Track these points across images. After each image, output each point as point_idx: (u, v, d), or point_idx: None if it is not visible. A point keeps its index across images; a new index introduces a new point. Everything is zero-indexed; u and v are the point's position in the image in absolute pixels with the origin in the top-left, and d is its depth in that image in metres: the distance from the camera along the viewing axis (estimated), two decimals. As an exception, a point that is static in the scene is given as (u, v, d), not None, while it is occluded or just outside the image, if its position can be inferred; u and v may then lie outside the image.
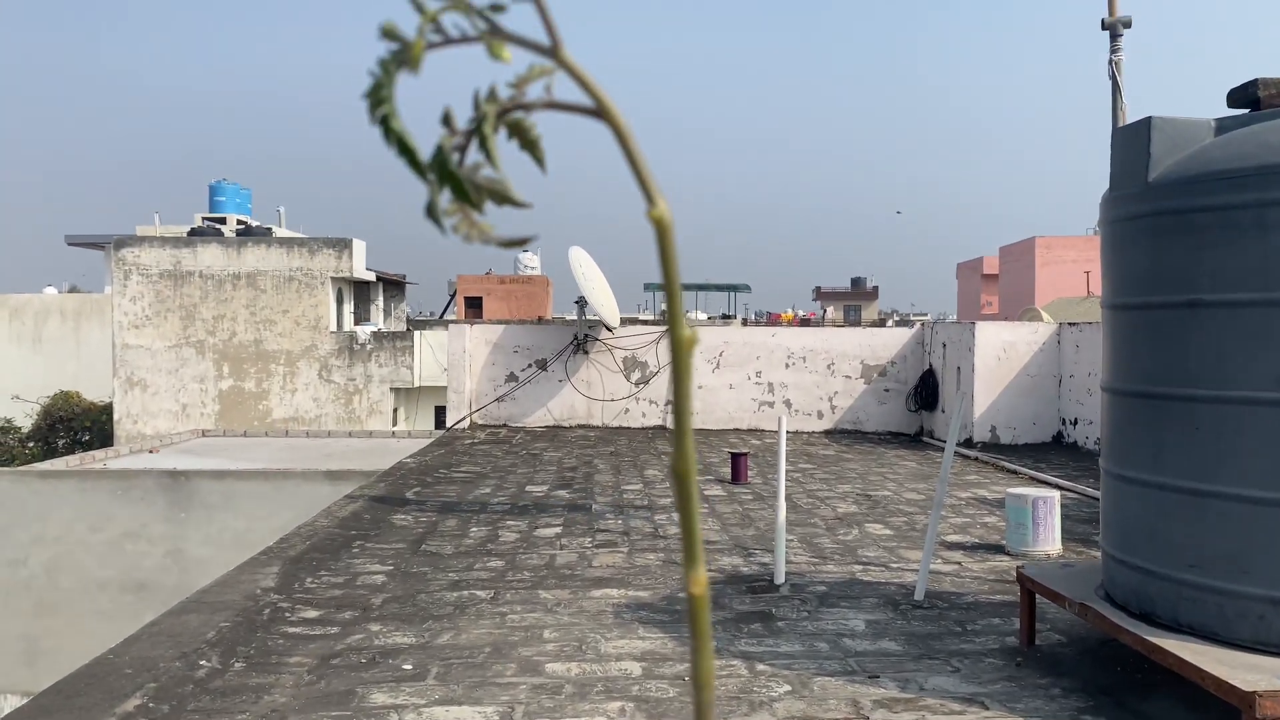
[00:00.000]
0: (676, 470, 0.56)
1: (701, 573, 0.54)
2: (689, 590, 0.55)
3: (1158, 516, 4.06)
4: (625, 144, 0.54)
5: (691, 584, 0.55)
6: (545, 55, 0.55)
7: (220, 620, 5.11)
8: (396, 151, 0.54)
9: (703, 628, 0.55)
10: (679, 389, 0.56)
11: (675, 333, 0.56)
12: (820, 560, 6.45)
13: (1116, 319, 4.35)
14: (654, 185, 0.55)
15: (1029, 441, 12.20)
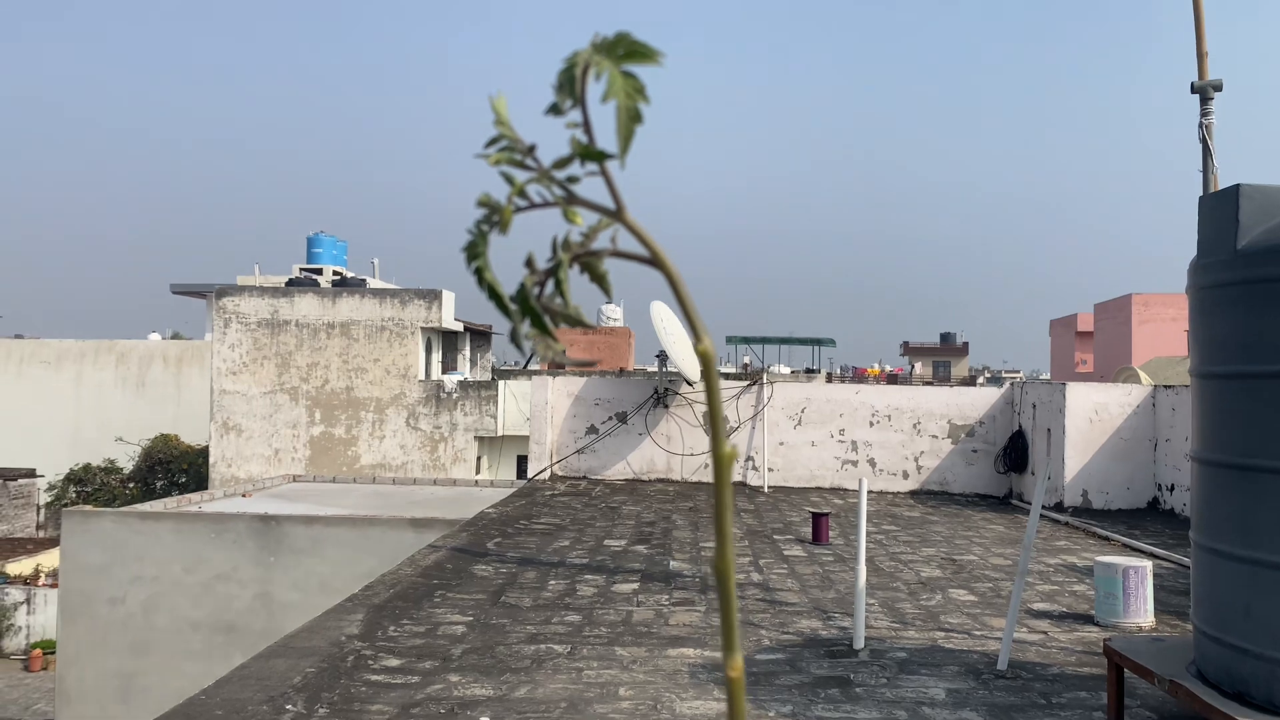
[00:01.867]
0: (717, 569, 0.64)
1: (738, 659, 0.62)
2: (727, 673, 0.62)
3: (1251, 593, 3.95)
4: (676, 289, 0.65)
5: (729, 668, 0.62)
6: (612, 216, 0.65)
7: (306, 665, 5.26)
8: (487, 296, 0.66)
9: (739, 708, 0.62)
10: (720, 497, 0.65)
11: (717, 451, 0.65)
12: (901, 625, 6.36)
13: (1206, 388, 4.27)
14: (701, 324, 0.65)
15: (1122, 507, 11.84)
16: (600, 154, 0.64)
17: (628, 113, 0.64)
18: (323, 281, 26.57)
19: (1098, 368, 29.97)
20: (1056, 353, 37.00)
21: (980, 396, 14.03)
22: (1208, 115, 5.32)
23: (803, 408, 13.95)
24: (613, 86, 0.64)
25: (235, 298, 23.15)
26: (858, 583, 5.80)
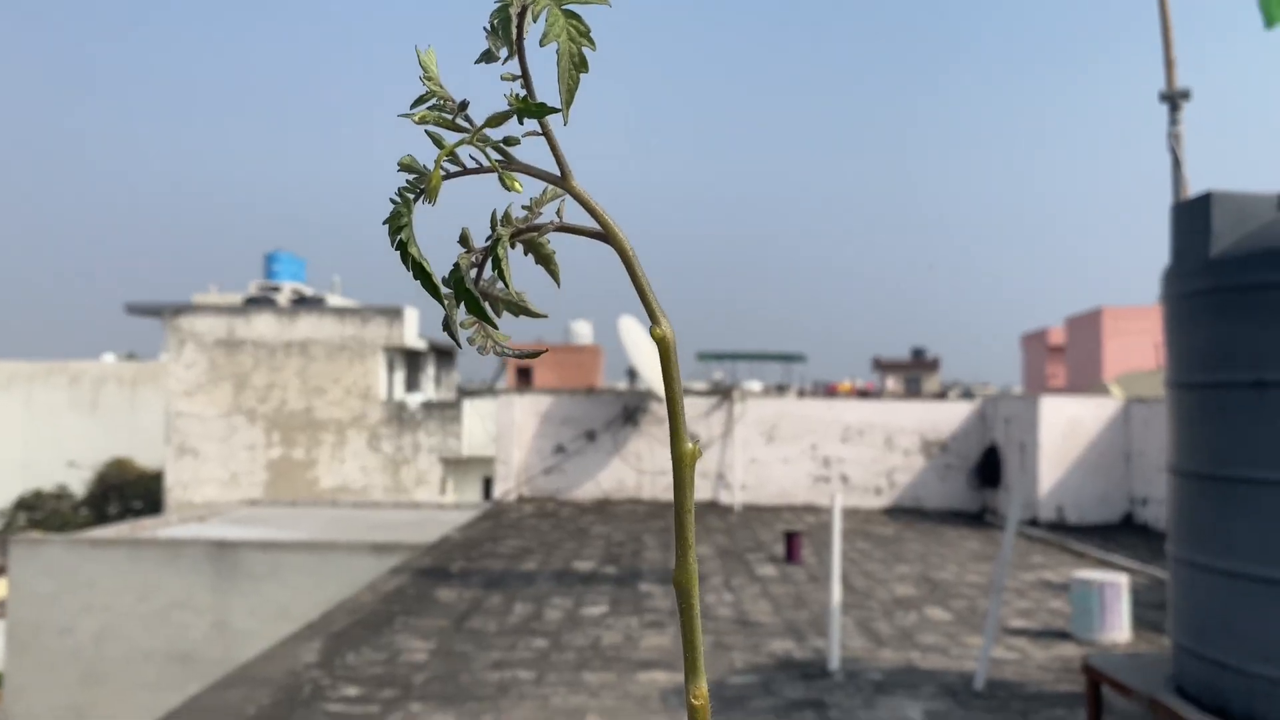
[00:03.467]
0: (678, 582, 0.54)
1: (702, 685, 0.53)
2: (688, 700, 0.53)
3: (1229, 605, 3.87)
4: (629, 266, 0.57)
5: (691, 695, 0.53)
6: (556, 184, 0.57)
7: (261, 696, 5.05)
8: (413, 275, 0.55)
9: None
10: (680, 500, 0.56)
11: (677, 448, 0.56)
12: (876, 645, 6.25)
13: (1181, 398, 4.21)
14: (657, 305, 0.56)
15: (1097, 521, 11.84)
16: (540, 108, 0.54)
17: (571, 58, 0.55)
18: (281, 300, 26.18)
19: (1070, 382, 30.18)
20: (1028, 367, 37.26)
21: (953, 411, 14.02)
22: (1177, 124, 5.30)
23: (774, 424, 13.86)
24: (553, 28, 0.55)
25: (191, 317, 22.72)
26: (832, 602, 5.68)
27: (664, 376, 0.56)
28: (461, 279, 0.57)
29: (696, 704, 0.54)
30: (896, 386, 45.22)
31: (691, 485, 0.56)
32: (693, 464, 0.56)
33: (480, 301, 0.56)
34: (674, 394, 0.56)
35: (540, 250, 0.61)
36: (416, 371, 25.72)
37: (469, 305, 0.57)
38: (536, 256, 0.62)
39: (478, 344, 0.59)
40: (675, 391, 0.56)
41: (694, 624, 0.55)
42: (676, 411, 0.56)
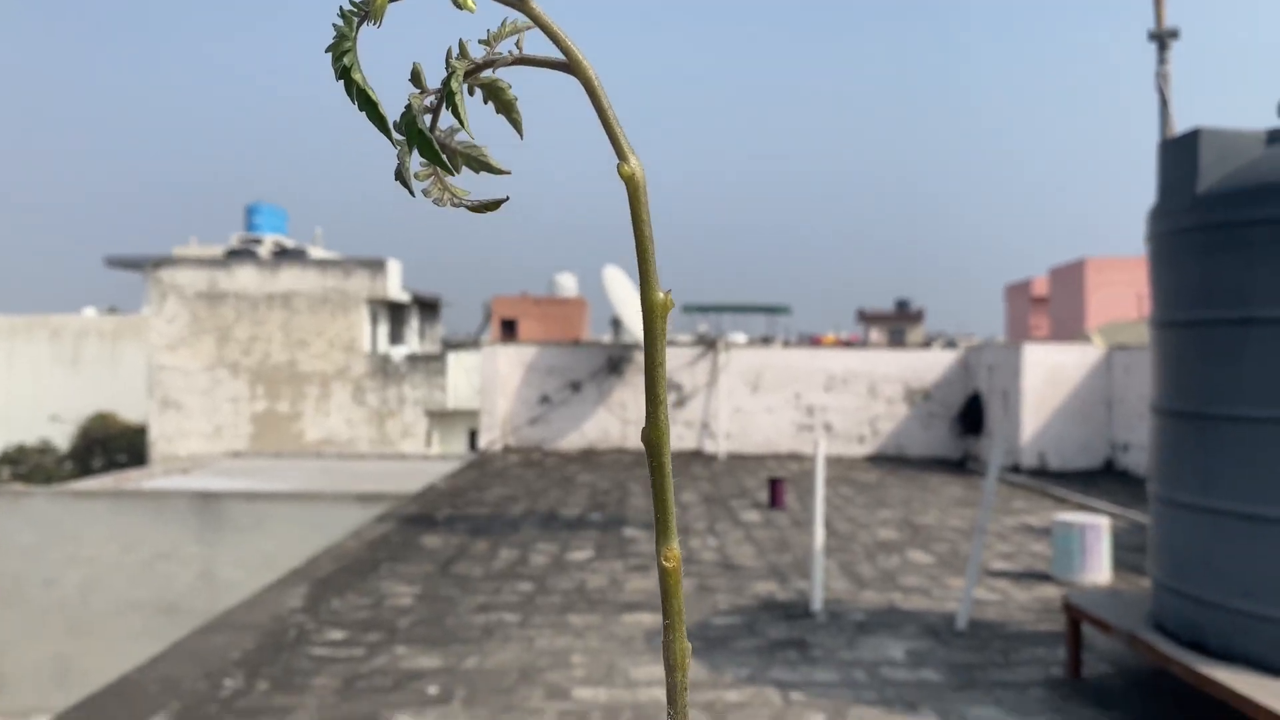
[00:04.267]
0: (648, 439, 0.52)
1: (674, 546, 0.50)
2: (660, 563, 0.50)
3: (1209, 542, 3.90)
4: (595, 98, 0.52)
5: (663, 557, 0.50)
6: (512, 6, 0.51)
7: (246, 641, 5.05)
8: (358, 105, 0.51)
9: (675, 606, 0.51)
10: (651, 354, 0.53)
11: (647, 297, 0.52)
12: (859, 587, 6.30)
13: (1165, 337, 4.20)
14: (625, 141, 0.51)
15: (1078, 468, 11.92)
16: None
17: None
18: (262, 252, 25.92)
19: (1053, 333, 30.25)
20: (1012, 318, 37.34)
21: (936, 360, 14.05)
22: (1165, 64, 5.25)
23: (759, 373, 13.86)
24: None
25: (172, 269, 22.48)
26: (815, 545, 5.71)
27: (634, 219, 0.52)
28: (414, 120, 0.53)
29: (668, 565, 0.51)
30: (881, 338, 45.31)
31: (663, 338, 0.53)
32: (664, 314, 0.53)
33: (435, 145, 0.52)
34: (644, 239, 0.52)
35: (501, 96, 0.57)
36: (400, 324, 25.60)
37: (423, 150, 0.53)
38: (497, 104, 0.57)
39: (433, 196, 0.55)
40: (645, 236, 0.52)
41: (664, 483, 0.52)
42: (647, 258, 0.53)
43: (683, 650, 0.50)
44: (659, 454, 0.52)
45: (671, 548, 0.51)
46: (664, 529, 0.51)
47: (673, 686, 0.50)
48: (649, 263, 0.52)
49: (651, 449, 0.52)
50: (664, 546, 0.51)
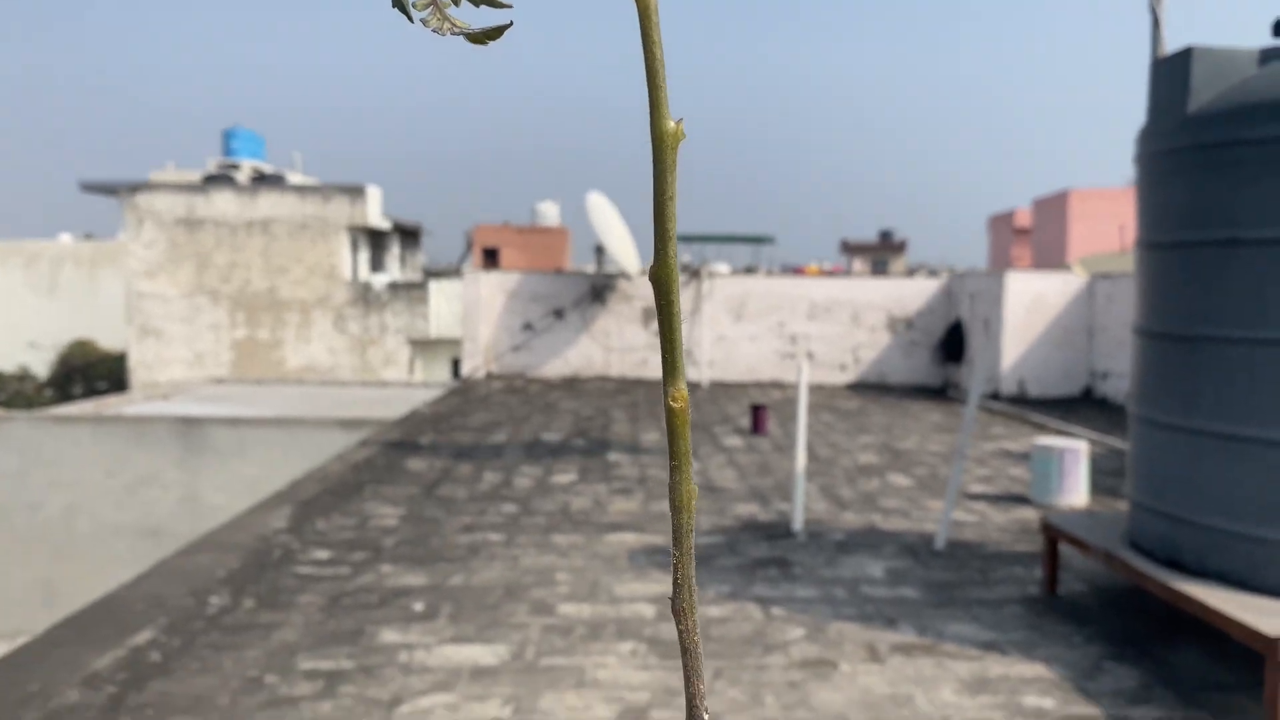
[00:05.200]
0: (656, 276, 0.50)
1: (681, 387, 0.49)
2: (667, 404, 0.49)
3: (1188, 462, 3.94)
4: None
5: (670, 397, 0.48)
6: None
7: (231, 560, 5.08)
8: None
9: (682, 447, 0.49)
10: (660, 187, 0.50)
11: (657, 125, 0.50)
12: (839, 509, 6.37)
13: (1151, 258, 4.20)
14: None
15: (1058, 395, 12.03)
16: None
17: None
18: (240, 178, 25.54)
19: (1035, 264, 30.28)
20: (994, 249, 37.33)
21: (919, 288, 14.06)
22: (1157, -18, 5.16)
23: (742, 301, 13.85)
24: None
25: (149, 195, 22.14)
26: (796, 467, 5.75)
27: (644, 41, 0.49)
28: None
29: (675, 406, 0.49)
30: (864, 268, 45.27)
31: (674, 170, 0.50)
32: (675, 145, 0.50)
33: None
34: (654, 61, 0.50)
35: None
36: (381, 251, 25.39)
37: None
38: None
39: (432, 26, 0.53)
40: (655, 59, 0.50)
41: (673, 322, 0.50)
42: (657, 83, 0.50)
43: (689, 492, 0.49)
44: (667, 292, 0.50)
45: (679, 388, 0.49)
46: (672, 369, 0.49)
47: (678, 528, 0.48)
48: (659, 89, 0.50)
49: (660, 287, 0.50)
50: (671, 387, 0.49)
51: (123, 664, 3.72)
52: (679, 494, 0.48)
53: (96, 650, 3.84)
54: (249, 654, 3.85)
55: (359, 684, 3.59)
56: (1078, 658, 3.94)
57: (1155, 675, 3.77)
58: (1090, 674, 3.78)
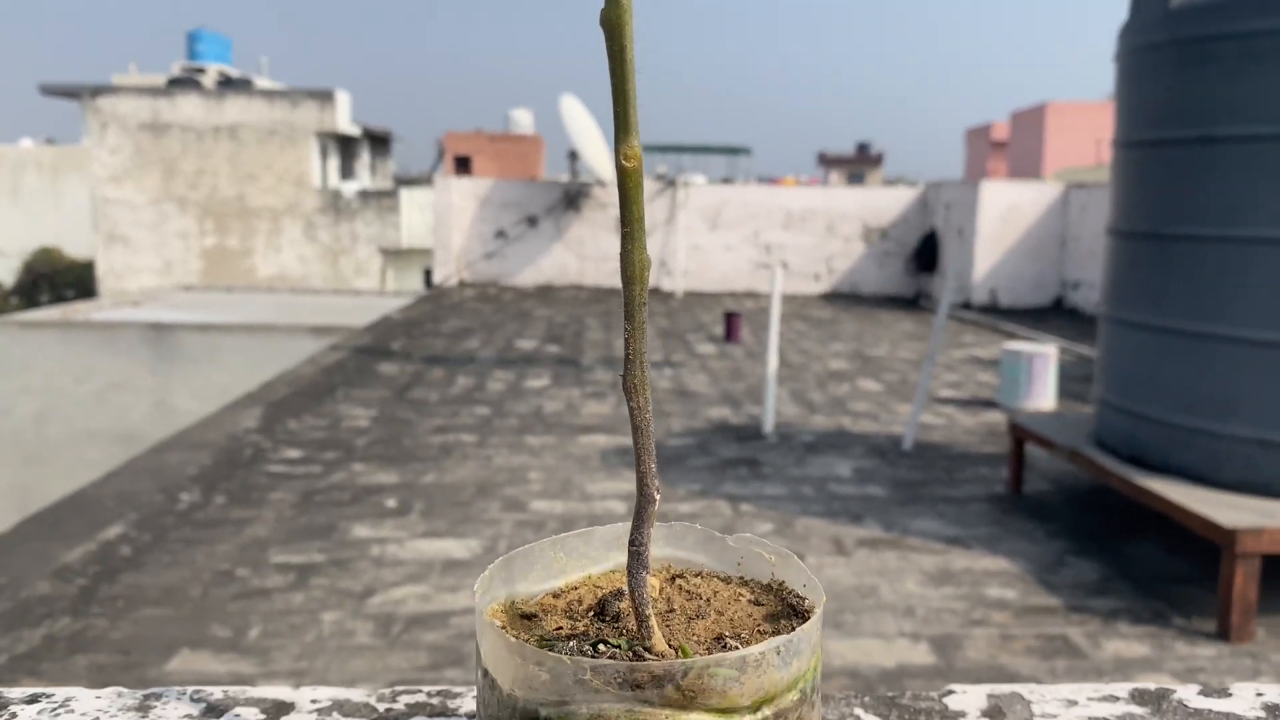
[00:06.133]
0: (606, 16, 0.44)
1: (634, 144, 0.46)
2: (618, 162, 0.45)
3: (1155, 360, 3.98)
4: None
5: (623, 155, 0.45)
6: None
7: (202, 458, 5.07)
8: None
9: (635, 212, 0.46)
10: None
11: None
12: (809, 412, 6.42)
13: (1128, 157, 4.18)
14: None
15: (1029, 305, 12.10)
16: None
17: None
18: (206, 82, 24.87)
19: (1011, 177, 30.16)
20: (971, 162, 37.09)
21: (895, 198, 13.99)
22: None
23: (718, 210, 13.75)
24: None
25: (112, 98, 21.53)
26: (768, 371, 5.78)
27: None
28: None
29: (628, 165, 0.46)
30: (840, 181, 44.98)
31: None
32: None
33: None
34: None
35: None
36: (351, 159, 24.93)
37: None
38: None
39: None
40: None
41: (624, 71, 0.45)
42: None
43: (641, 262, 0.47)
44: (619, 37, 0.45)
45: (631, 145, 0.46)
46: (624, 124, 0.46)
47: (630, 300, 0.46)
48: None
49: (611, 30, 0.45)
50: (623, 144, 0.46)
51: (93, 557, 3.73)
52: (630, 264, 0.46)
53: (66, 544, 3.84)
54: (220, 548, 3.87)
55: (331, 576, 3.62)
56: (1040, 552, 4.02)
57: (1115, 569, 3.86)
58: (1052, 568, 3.87)
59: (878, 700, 0.72)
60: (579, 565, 0.57)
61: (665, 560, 0.59)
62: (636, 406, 0.47)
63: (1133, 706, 0.71)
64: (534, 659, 0.44)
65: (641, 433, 0.47)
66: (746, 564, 0.57)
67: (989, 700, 0.71)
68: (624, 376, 0.47)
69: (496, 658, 0.45)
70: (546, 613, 0.52)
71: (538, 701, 0.43)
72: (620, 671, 0.42)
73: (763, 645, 0.43)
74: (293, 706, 0.69)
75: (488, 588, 0.51)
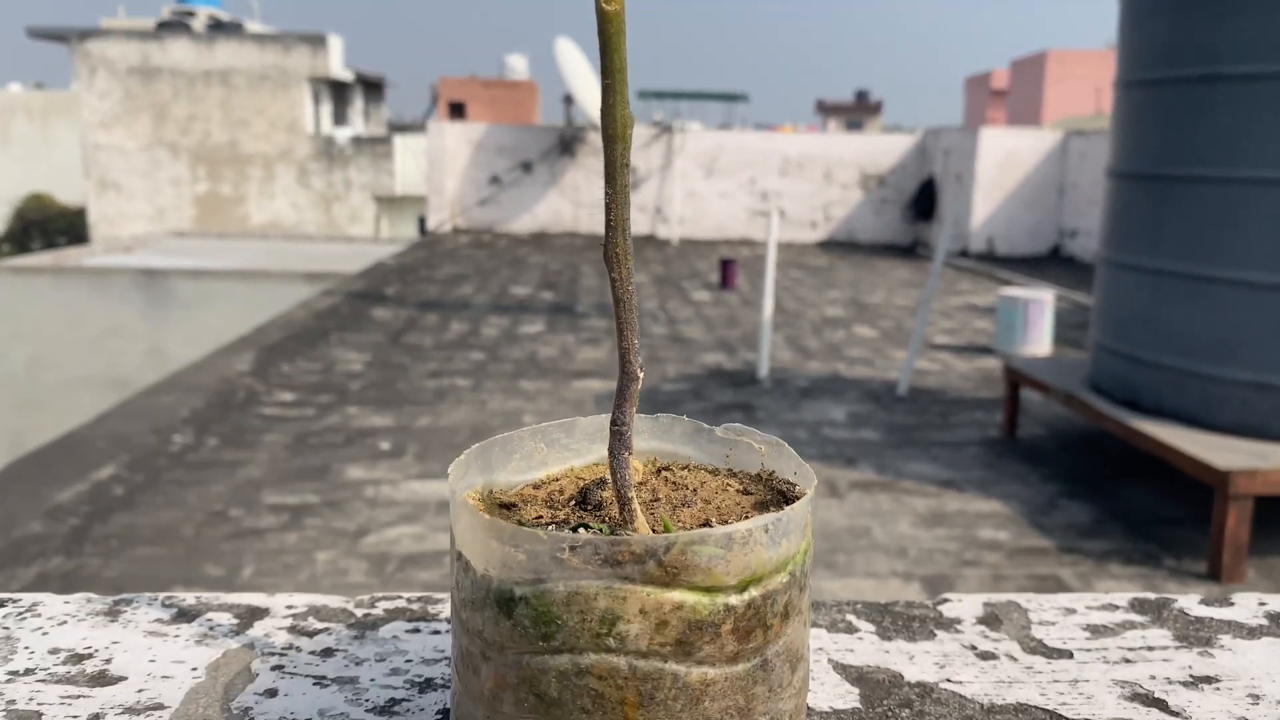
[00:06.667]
0: None
1: None
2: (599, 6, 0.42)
3: (1152, 303, 3.96)
4: None
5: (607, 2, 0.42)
6: None
7: (195, 400, 5.05)
8: None
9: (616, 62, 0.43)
10: None
11: None
12: (804, 358, 6.40)
13: (1129, 98, 4.12)
14: None
15: (1026, 254, 12.05)
16: None
17: None
18: (196, 25, 24.50)
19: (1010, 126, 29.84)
20: (970, 111, 36.69)
21: (893, 144, 13.86)
22: None
23: (714, 157, 13.62)
24: None
25: (100, 41, 21.20)
26: (763, 316, 5.75)
27: None
28: None
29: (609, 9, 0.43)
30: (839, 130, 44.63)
31: None
32: None
33: None
34: None
35: None
36: (344, 104, 24.65)
37: None
38: None
39: None
40: None
41: None
42: None
43: (623, 119, 0.44)
44: None
45: None
46: None
47: (612, 161, 0.43)
48: None
49: None
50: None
51: (85, 498, 3.72)
52: (612, 120, 0.43)
53: (58, 485, 3.83)
54: (213, 489, 3.86)
55: (325, 517, 3.62)
56: (1033, 495, 4.03)
57: (1107, 511, 3.87)
58: (1044, 510, 3.88)
59: (870, 608, 0.70)
60: (560, 457, 0.55)
61: (651, 453, 0.57)
62: (618, 278, 0.44)
63: (1132, 614, 0.69)
64: (509, 537, 0.41)
65: (624, 305, 0.45)
66: (735, 456, 0.55)
67: (985, 608, 0.70)
68: (605, 246, 0.44)
69: (470, 538, 0.43)
70: (526, 503, 0.50)
71: (512, 581, 0.41)
72: (599, 547, 0.40)
73: (750, 522, 0.41)
74: (267, 612, 0.67)
75: (463, 474, 0.49)
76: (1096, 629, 0.67)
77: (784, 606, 0.43)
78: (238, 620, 0.65)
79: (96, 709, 0.54)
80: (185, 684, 0.57)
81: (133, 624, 0.64)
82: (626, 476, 0.46)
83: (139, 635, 0.63)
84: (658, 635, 0.40)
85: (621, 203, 0.44)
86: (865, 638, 0.65)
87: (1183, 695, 0.58)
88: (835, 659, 0.62)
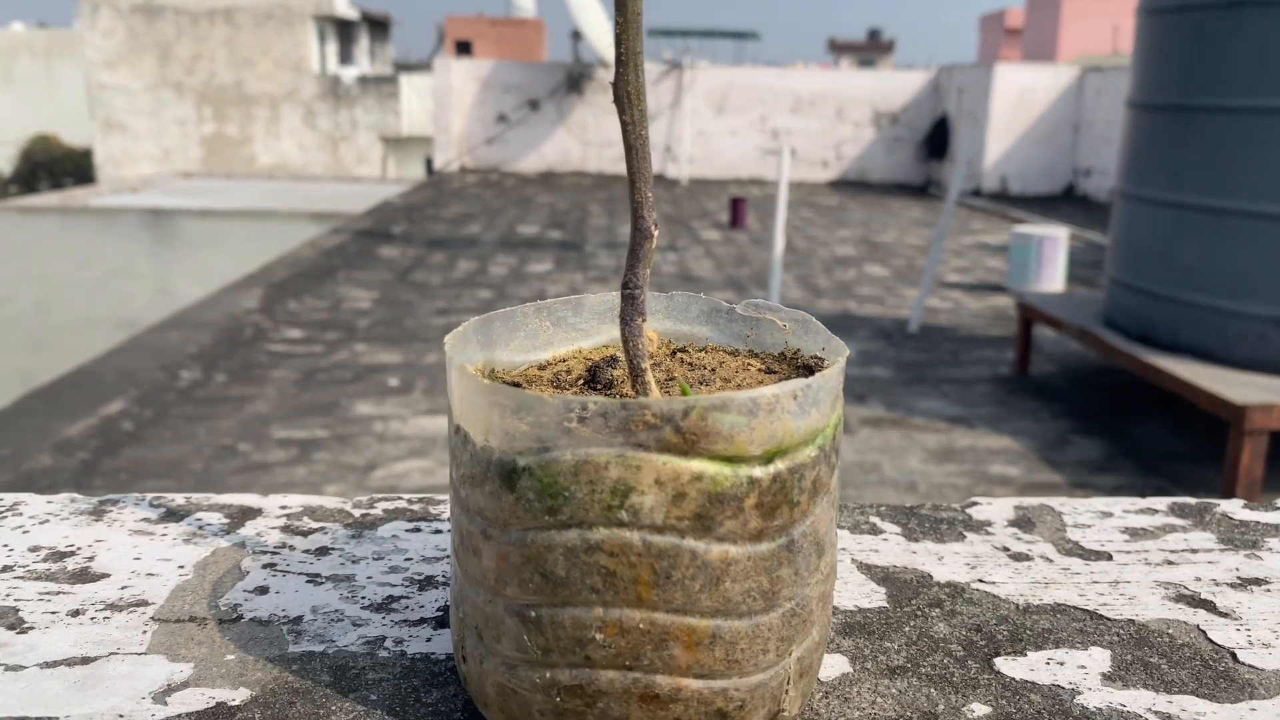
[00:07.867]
0: None
1: None
2: None
3: (1169, 237, 3.89)
4: None
5: None
6: None
7: (202, 337, 5.03)
8: None
9: None
10: None
11: None
12: (815, 296, 6.34)
13: (1152, 25, 4.01)
14: None
15: (1040, 193, 11.89)
16: None
17: None
18: (199, -38, 24.09)
19: (1024, 64, 29.35)
20: (984, 50, 36.06)
21: (906, 81, 13.62)
22: None
23: (725, 94, 13.42)
24: None
25: (102, -21, 20.89)
26: (774, 254, 5.67)
27: None
28: None
29: None
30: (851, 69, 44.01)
31: None
32: None
33: None
34: None
35: None
36: (349, 44, 24.32)
37: None
38: None
39: None
40: None
41: None
42: None
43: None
44: None
45: None
46: None
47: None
48: None
49: None
50: None
51: (94, 432, 3.71)
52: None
53: (68, 419, 3.82)
54: (222, 424, 3.85)
55: (334, 451, 3.61)
56: (1044, 431, 4.00)
57: (1118, 447, 3.84)
58: (1056, 446, 3.85)
59: (894, 510, 0.66)
60: (567, 338, 0.51)
61: (666, 334, 0.53)
62: (630, 121, 0.40)
63: (1173, 518, 0.65)
64: (512, 402, 0.38)
65: (636, 153, 0.40)
66: (757, 336, 0.51)
67: (1016, 512, 0.66)
68: (614, 83, 0.40)
69: (469, 408, 0.39)
70: (530, 382, 0.46)
71: (515, 451, 0.37)
72: (610, 412, 0.36)
73: (776, 387, 0.37)
74: (259, 512, 0.63)
75: (462, 347, 0.45)
76: (1135, 532, 0.63)
77: (812, 483, 0.39)
78: (228, 520, 0.62)
79: (76, 605, 0.51)
80: (171, 581, 0.54)
81: (118, 523, 0.61)
82: (640, 346, 0.42)
83: (124, 534, 0.60)
84: (675, 508, 0.36)
85: (634, 33, 0.39)
86: (890, 539, 0.62)
87: (1231, 596, 0.55)
88: (859, 559, 0.59)
